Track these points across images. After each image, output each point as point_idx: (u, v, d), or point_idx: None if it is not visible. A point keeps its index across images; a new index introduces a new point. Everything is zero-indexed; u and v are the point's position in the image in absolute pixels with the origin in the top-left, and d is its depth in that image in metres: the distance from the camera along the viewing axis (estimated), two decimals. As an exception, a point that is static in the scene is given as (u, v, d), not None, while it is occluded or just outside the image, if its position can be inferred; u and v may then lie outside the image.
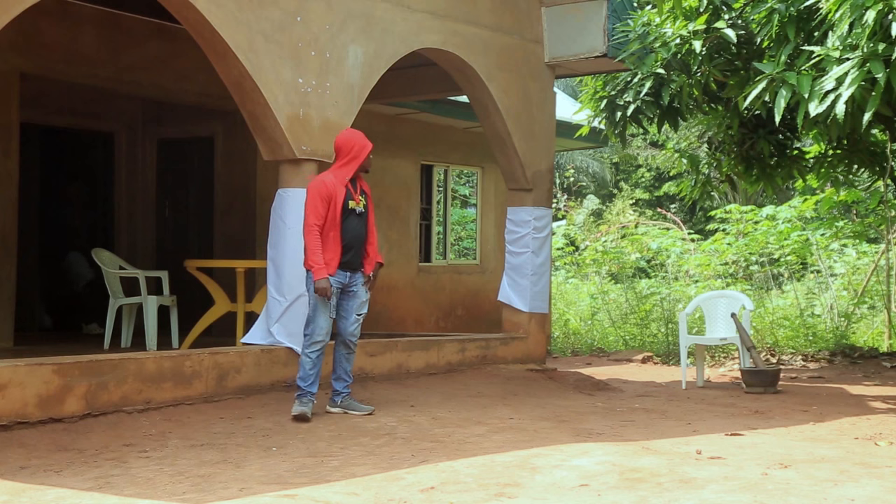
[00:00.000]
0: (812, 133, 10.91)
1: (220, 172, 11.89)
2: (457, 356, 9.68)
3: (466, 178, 18.14)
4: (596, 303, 16.93)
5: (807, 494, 4.91)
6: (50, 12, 9.40)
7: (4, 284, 9.78)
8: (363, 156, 7.23)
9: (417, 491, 5.06)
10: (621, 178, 31.15)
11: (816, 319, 14.25)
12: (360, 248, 7.28)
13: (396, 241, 13.49)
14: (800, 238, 15.44)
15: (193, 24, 7.63)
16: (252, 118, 8.09)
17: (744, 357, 10.08)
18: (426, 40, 9.32)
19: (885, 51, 7.35)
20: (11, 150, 9.81)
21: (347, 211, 7.15)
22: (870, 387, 10.42)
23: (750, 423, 7.50)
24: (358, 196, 7.22)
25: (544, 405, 8.26)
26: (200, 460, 5.83)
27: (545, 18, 10.69)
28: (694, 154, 13.17)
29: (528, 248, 10.51)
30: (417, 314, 13.69)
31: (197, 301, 10.24)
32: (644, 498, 4.88)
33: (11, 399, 6.28)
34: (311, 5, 8.22)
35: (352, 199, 7.17)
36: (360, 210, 7.22)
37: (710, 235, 18.61)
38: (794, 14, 8.52)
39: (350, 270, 7.25)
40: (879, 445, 6.53)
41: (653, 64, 9.89)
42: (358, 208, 7.21)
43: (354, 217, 7.20)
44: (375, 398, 8.00)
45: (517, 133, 10.32)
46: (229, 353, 7.77)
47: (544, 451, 6.03)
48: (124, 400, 6.88)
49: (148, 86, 10.75)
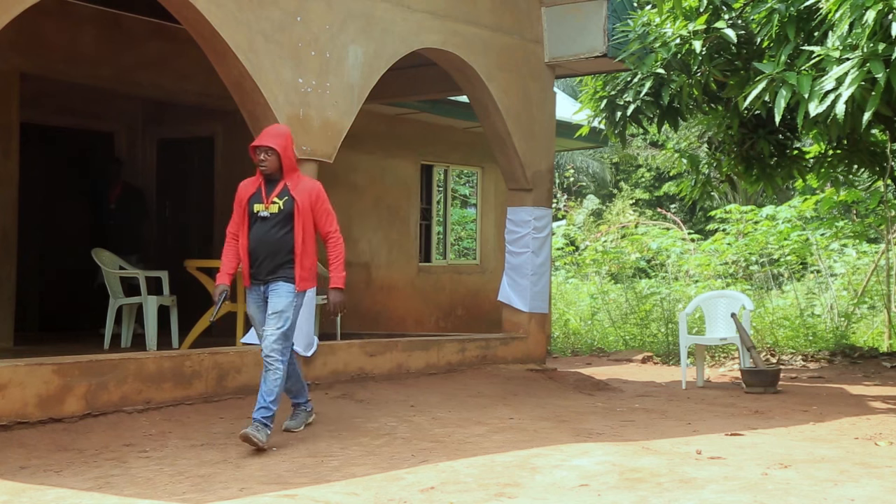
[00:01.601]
0: (812, 133, 10.91)
1: (220, 172, 11.90)
2: (457, 356, 9.68)
3: (466, 178, 18.14)
4: (596, 303, 16.93)
5: (807, 494, 4.90)
6: (50, 12, 9.40)
7: (4, 284, 9.78)
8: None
9: (417, 491, 5.06)
10: (621, 178, 31.15)
11: (816, 319, 14.25)
12: (274, 256, 6.39)
13: (396, 241, 13.49)
14: (800, 238, 15.44)
15: (193, 24, 7.63)
16: (252, 118, 8.09)
17: (744, 357, 10.08)
18: (426, 40, 9.32)
19: (885, 51, 7.35)
20: (11, 150, 9.82)
21: (253, 215, 6.46)
22: (870, 387, 10.42)
23: (750, 423, 7.50)
24: (271, 199, 6.39)
25: (544, 405, 8.26)
26: (200, 460, 5.84)
27: (545, 18, 10.69)
28: (694, 154, 13.17)
29: (528, 248, 10.51)
30: (417, 314, 13.69)
31: (197, 301, 10.24)
32: (644, 498, 4.88)
33: (11, 399, 6.28)
34: (311, 5, 8.21)
35: (259, 201, 6.44)
36: (265, 214, 6.39)
37: (710, 235, 18.62)
38: (794, 14, 8.52)
39: (261, 283, 6.46)
40: (879, 445, 6.53)
41: (653, 64, 9.89)
42: (264, 212, 6.40)
43: (260, 222, 6.41)
44: (375, 398, 8.00)
45: (517, 133, 10.32)
46: (229, 353, 7.77)
47: (544, 451, 6.03)
48: (124, 400, 6.87)
49: (148, 86, 10.75)
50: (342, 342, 8.99)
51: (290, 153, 6.47)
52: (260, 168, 6.44)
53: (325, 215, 6.51)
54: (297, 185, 6.44)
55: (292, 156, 6.50)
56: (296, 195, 6.39)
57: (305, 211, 6.40)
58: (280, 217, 6.38)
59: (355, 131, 8.98)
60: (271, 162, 6.40)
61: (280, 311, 6.33)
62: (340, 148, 8.54)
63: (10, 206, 9.83)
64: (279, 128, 6.61)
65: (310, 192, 6.46)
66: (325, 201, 6.52)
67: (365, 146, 12.59)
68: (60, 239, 12.22)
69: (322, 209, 6.50)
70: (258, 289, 6.48)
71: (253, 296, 6.53)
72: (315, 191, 6.49)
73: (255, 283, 6.47)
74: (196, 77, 10.57)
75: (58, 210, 12.30)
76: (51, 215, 12.25)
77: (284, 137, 6.47)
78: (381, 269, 13.24)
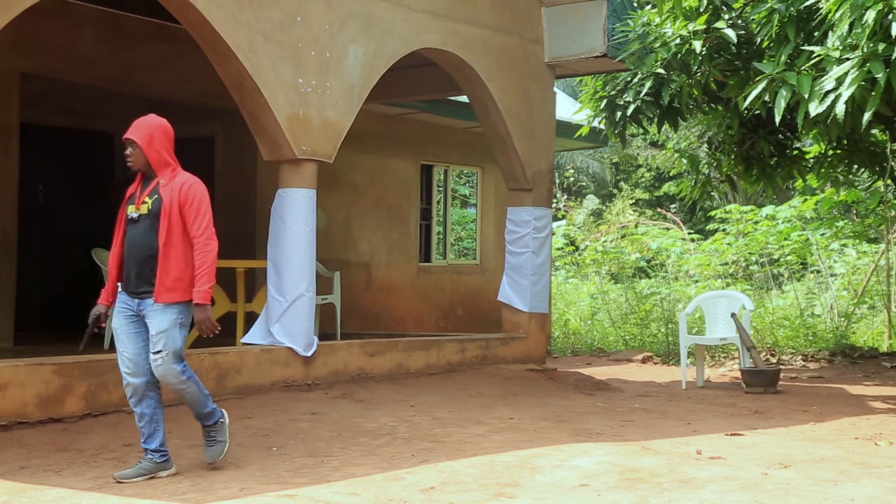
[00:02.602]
0: (812, 133, 10.91)
1: (220, 172, 11.90)
2: (457, 356, 9.68)
3: (466, 178, 18.15)
4: (596, 303, 16.93)
5: (807, 494, 4.90)
6: (50, 12, 9.40)
7: (4, 284, 9.78)
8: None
9: (417, 491, 5.06)
10: (621, 178, 31.14)
11: (816, 319, 14.26)
12: (143, 265, 5.56)
13: (396, 241, 13.49)
14: (800, 238, 15.45)
15: (193, 25, 7.63)
16: (252, 118, 8.09)
17: (744, 357, 10.08)
18: (426, 40, 9.32)
19: (885, 51, 7.35)
20: (11, 150, 9.82)
21: (128, 218, 5.68)
22: (870, 387, 10.41)
23: (750, 423, 7.50)
24: (142, 198, 5.61)
25: (544, 405, 8.26)
26: (200, 460, 5.83)
27: (545, 18, 10.69)
28: (694, 154, 13.17)
29: (528, 248, 10.51)
30: (417, 314, 13.69)
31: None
32: (644, 498, 4.88)
33: (11, 399, 6.28)
34: (311, 5, 8.21)
35: (132, 202, 5.67)
36: (135, 216, 5.62)
37: (710, 235, 18.61)
38: (794, 14, 8.51)
39: (132, 294, 5.60)
40: (879, 445, 6.53)
41: (653, 64, 9.89)
42: (134, 213, 5.63)
43: (132, 225, 5.63)
44: (375, 398, 8.00)
45: (517, 133, 10.32)
46: (229, 353, 7.77)
47: (544, 451, 6.02)
48: (124, 400, 6.82)
49: (148, 86, 10.75)
50: (342, 342, 8.99)
51: (156, 146, 5.60)
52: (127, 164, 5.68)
53: (194, 216, 5.57)
54: (170, 182, 5.60)
55: (161, 149, 5.61)
56: (163, 193, 5.56)
57: (172, 211, 5.53)
58: (148, 219, 5.57)
59: (355, 131, 8.98)
60: (136, 157, 5.60)
61: (163, 331, 5.49)
62: (340, 148, 8.55)
63: (10, 206, 9.83)
64: (146, 118, 5.73)
65: (180, 188, 5.57)
66: (198, 200, 5.59)
67: (365, 146, 12.59)
68: (61, 239, 12.23)
69: (192, 209, 5.56)
70: (131, 301, 5.59)
71: (121, 306, 5.62)
72: (186, 187, 5.58)
73: (129, 295, 5.60)
74: (196, 77, 10.57)
75: (58, 210, 12.30)
76: (51, 215, 12.25)
77: (151, 128, 5.64)
78: (381, 269, 13.24)
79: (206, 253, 5.56)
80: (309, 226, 8.25)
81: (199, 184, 5.66)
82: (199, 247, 5.55)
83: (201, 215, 5.59)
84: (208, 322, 5.58)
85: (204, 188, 5.67)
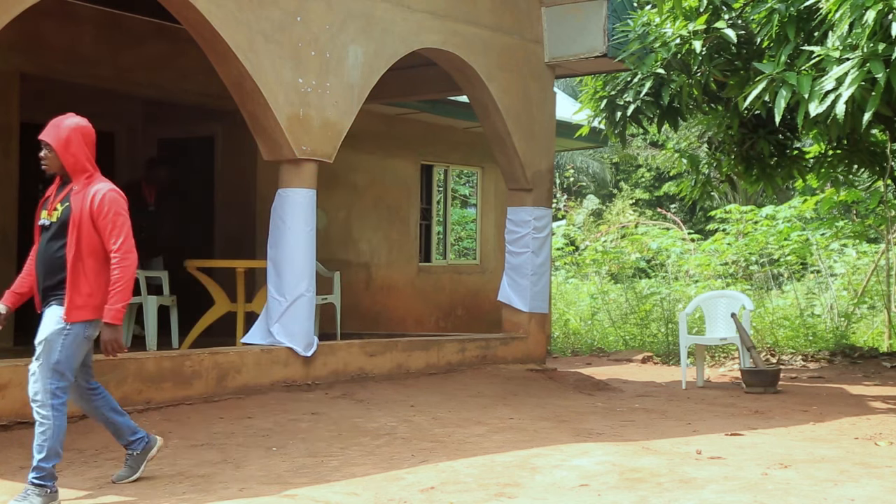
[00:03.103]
0: (812, 133, 10.91)
1: (220, 172, 11.90)
2: (457, 356, 9.68)
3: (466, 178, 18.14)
4: (596, 303, 16.93)
5: (807, 494, 4.91)
6: (50, 12, 9.39)
7: (4, 284, 9.76)
8: None
9: (417, 491, 5.06)
10: (621, 178, 31.15)
11: (816, 319, 14.26)
12: (48, 277, 5.17)
13: (396, 241, 13.49)
14: (800, 238, 15.45)
15: (193, 25, 7.63)
16: (252, 118, 8.09)
17: (744, 357, 10.08)
18: (426, 40, 9.32)
19: (885, 51, 7.35)
20: (11, 150, 9.82)
21: (40, 224, 5.28)
22: (870, 387, 10.41)
23: (750, 423, 7.50)
24: (54, 204, 5.20)
25: (544, 405, 8.26)
26: (200, 460, 5.84)
27: (545, 18, 10.69)
28: (694, 154, 13.17)
29: (528, 248, 10.51)
30: (417, 314, 13.69)
31: (197, 301, 10.24)
32: (644, 498, 4.88)
33: (11, 399, 6.28)
34: (311, 5, 8.22)
35: (45, 208, 5.26)
36: (45, 222, 5.21)
37: (710, 235, 18.62)
38: (794, 14, 8.51)
39: (44, 304, 5.22)
40: (879, 445, 6.53)
41: (653, 64, 9.89)
42: (44, 220, 5.22)
43: (43, 233, 5.22)
44: (375, 398, 8.00)
45: (517, 133, 10.32)
46: (229, 353, 7.77)
47: (544, 451, 6.03)
48: (124, 400, 6.86)
49: (148, 86, 10.75)
50: (342, 342, 9.00)
51: (73, 149, 5.15)
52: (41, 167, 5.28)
53: (110, 227, 5.10)
54: (83, 189, 5.15)
55: (78, 152, 5.16)
56: (73, 201, 5.12)
57: (82, 221, 5.08)
58: (56, 227, 5.14)
59: (355, 131, 8.99)
60: (51, 160, 5.19)
61: (44, 340, 5.05)
62: (340, 148, 8.55)
63: (10, 206, 9.82)
64: (64, 118, 5.28)
65: (92, 197, 5.10)
66: (113, 211, 5.10)
67: (365, 146, 12.59)
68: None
69: (106, 220, 5.10)
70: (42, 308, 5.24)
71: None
72: (99, 196, 5.11)
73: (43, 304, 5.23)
74: (196, 77, 10.57)
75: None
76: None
77: (68, 129, 5.18)
78: (381, 269, 13.24)
79: (124, 268, 5.09)
80: (309, 226, 8.26)
81: (115, 192, 5.19)
82: (116, 262, 5.08)
83: (118, 227, 5.11)
84: (115, 344, 5.16)
85: (120, 197, 5.20)
